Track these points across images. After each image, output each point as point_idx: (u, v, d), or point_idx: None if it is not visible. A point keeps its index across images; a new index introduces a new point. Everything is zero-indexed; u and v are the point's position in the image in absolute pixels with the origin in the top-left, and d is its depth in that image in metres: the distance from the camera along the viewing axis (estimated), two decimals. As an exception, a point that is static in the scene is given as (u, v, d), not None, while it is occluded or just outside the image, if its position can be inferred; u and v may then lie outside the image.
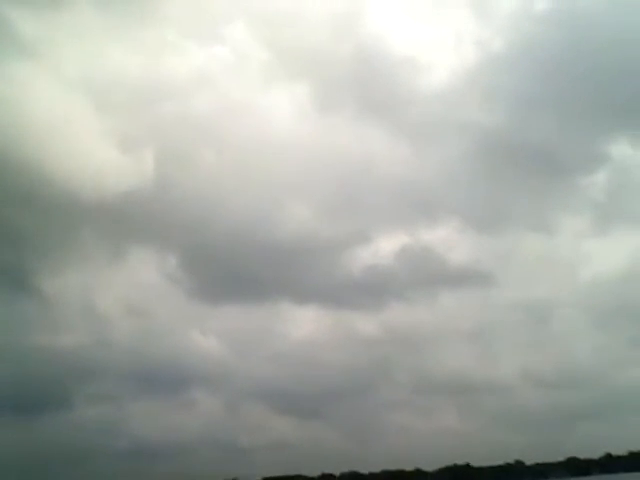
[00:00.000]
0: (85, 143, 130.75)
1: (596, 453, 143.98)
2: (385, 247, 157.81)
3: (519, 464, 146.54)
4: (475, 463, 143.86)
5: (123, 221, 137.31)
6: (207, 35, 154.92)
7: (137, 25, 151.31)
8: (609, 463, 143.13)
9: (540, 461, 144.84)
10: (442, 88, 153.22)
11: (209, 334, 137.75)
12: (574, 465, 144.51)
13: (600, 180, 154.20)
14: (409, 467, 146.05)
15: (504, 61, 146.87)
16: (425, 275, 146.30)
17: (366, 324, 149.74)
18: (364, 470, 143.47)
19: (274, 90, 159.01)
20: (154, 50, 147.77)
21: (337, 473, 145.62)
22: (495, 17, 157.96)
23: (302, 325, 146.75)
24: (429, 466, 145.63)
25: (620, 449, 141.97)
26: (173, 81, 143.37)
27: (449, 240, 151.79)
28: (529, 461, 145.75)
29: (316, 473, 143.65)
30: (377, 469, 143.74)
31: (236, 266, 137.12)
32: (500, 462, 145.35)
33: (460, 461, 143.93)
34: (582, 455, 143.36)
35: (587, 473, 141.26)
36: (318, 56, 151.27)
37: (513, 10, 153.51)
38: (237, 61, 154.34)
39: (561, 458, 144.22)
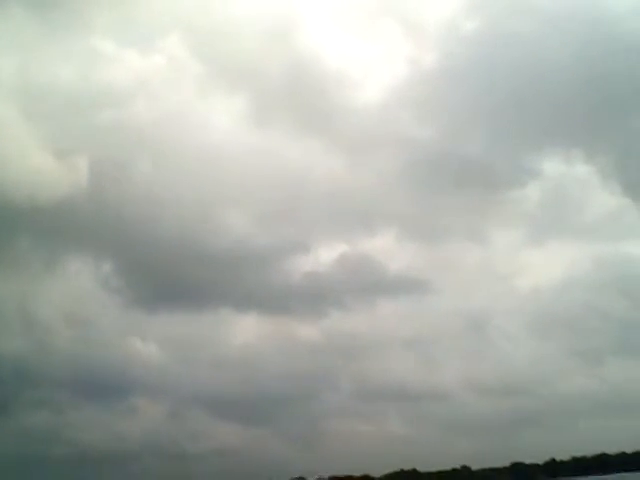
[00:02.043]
0: (18, 150, 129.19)
1: (541, 458, 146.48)
2: (324, 255, 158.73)
3: (465, 469, 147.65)
4: (422, 468, 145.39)
5: (58, 229, 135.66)
6: (143, 45, 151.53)
7: (71, 33, 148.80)
8: (553, 468, 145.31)
9: (486, 466, 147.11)
10: (375, 103, 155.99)
11: (149, 342, 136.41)
12: (519, 470, 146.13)
13: (534, 194, 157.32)
14: (357, 473, 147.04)
15: (435, 78, 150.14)
16: (364, 283, 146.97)
17: (307, 331, 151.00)
18: (312, 476, 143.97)
19: (210, 101, 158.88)
20: (88, 58, 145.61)
21: (285, 479, 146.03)
22: (424, 36, 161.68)
23: (243, 332, 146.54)
24: (377, 472, 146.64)
25: (564, 454, 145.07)
26: (109, 90, 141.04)
27: (387, 249, 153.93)
28: (475, 466, 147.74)
29: (263, 479, 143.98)
30: (325, 475, 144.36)
31: (174, 274, 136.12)
32: (447, 467, 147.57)
33: (407, 466, 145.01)
34: (527, 460, 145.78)
35: (532, 478, 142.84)
36: (253, 69, 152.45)
37: (441, 30, 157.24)
38: (172, 72, 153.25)
39: (506, 463, 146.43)
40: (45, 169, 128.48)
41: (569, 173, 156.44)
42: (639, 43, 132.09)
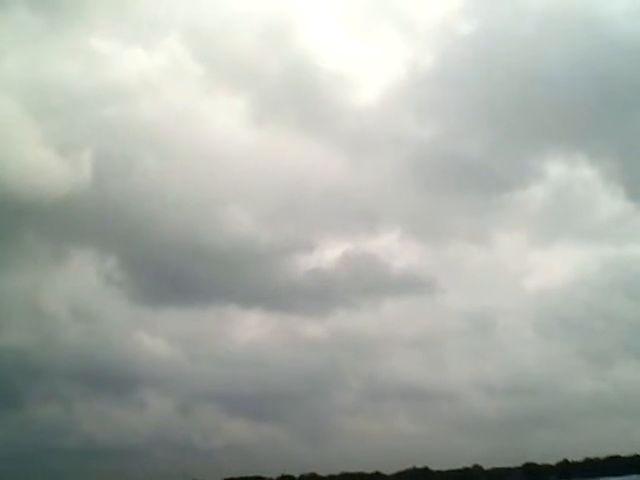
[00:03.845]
0: (22, 146, 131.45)
1: (553, 459, 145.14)
2: (328, 254, 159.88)
3: (477, 468, 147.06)
4: (433, 467, 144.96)
5: (63, 224, 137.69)
6: (144, 44, 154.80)
7: (74, 32, 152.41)
8: (566, 469, 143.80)
9: (498, 466, 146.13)
10: (375, 103, 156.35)
11: (156, 337, 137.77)
12: (532, 470, 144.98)
13: (537, 196, 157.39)
14: (368, 470, 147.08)
15: (434, 79, 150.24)
16: (368, 282, 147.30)
17: (312, 328, 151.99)
18: (323, 472, 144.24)
19: (212, 101, 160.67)
20: (91, 56, 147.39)
21: (296, 475, 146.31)
22: (421, 37, 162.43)
23: (248, 329, 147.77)
24: (387, 469, 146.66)
25: (577, 455, 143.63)
26: (113, 86, 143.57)
27: (391, 249, 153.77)
28: (487, 466, 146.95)
29: (275, 475, 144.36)
30: (336, 471, 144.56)
31: (179, 270, 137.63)
32: (458, 466, 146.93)
33: (418, 465, 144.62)
34: (539, 461, 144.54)
35: (544, 478, 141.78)
36: (253, 70, 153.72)
37: (439, 31, 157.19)
38: (175, 71, 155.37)
39: (519, 464, 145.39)
40: (49, 165, 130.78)
41: (572, 176, 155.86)
42: (638, 44, 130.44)
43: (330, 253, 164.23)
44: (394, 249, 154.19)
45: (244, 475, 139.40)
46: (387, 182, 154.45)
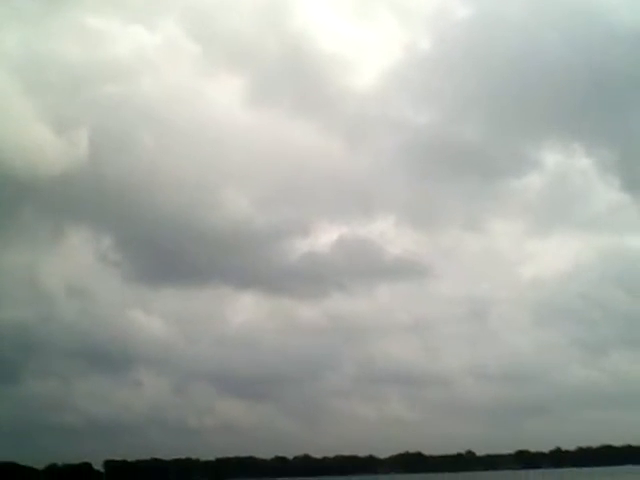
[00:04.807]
0: (19, 123, 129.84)
1: (546, 447, 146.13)
2: (323, 238, 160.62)
3: (470, 454, 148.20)
4: (427, 452, 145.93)
5: (60, 201, 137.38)
6: (144, 23, 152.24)
7: (73, 9, 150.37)
8: (559, 457, 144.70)
9: (491, 453, 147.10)
10: (372, 86, 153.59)
11: (151, 316, 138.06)
12: (524, 458, 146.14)
13: (534, 185, 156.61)
14: (361, 454, 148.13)
15: (430, 63, 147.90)
16: (363, 266, 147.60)
17: (307, 311, 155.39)
18: (317, 455, 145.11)
19: (210, 81, 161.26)
20: (90, 33, 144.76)
21: (290, 457, 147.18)
22: (419, 20, 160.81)
23: (243, 310, 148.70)
24: (381, 453, 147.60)
25: (569, 444, 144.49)
26: (111, 64, 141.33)
27: (386, 234, 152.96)
28: (480, 452, 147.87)
29: (268, 456, 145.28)
30: (330, 454, 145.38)
31: (174, 250, 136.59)
32: (452, 452, 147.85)
33: (412, 449, 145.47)
34: (532, 448, 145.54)
35: (537, 466, 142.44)
36: (251, 50, 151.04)
37: (436, 14, 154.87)
38: (173, 51, 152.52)
39: (512, 451, 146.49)
40: (46, 142, 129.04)
41: (569, 165, 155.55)
42: (635, 33, 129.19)
43: (325, 237, 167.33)
44: (389, 234, 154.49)
45: (238, 455, 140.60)
46: (383, 167, 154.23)
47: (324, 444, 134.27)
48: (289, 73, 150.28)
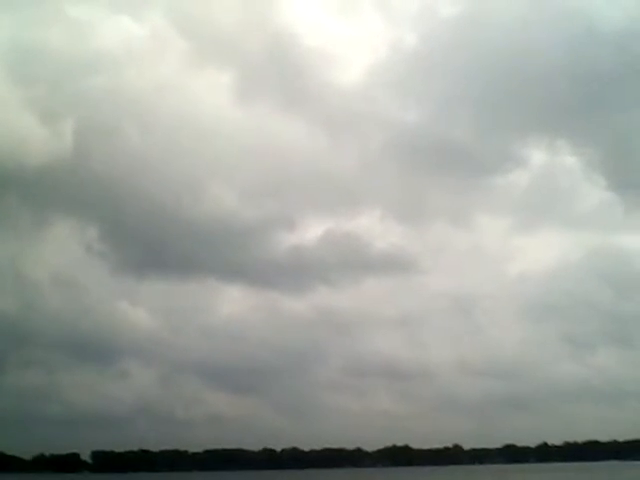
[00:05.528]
0: (4, 113, 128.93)
1: (533, 442, 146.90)
2: (309, 232, 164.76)
3: (457, 448, 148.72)
4: (414, 445, 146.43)
5: (44, 192, 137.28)
6: (131, 14, 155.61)
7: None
8: (545, 452, 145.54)
9: (478, 447, 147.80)
10: (358, 82, 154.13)
11: (137, 307, 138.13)
12: (511, 452, 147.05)
13: (520, 182, 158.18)
14: (349, 446, 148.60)
15: (417, 61, 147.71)
16: (349, 260, 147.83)
17: (292, 305, 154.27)
18: (305, 447, 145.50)
19: (197, 75, 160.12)
20: (77, 24, 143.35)
21: (278, 449, 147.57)
22: (402, 18, 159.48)
23: (229, 302, 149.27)
24: (369, 446, 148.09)
25: (556, 439, 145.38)
26: (97, 56, 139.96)
27: (372, 228, 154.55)
28: (467, 446, 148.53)
29: (256, 448, 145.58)
30: (317, 447, 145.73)
31: (160, 242, 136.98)
32: (439, 446, 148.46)
33: (399, 443, 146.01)
34: (519, 443, 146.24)
35: (523, 460, 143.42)
36: (237, 46, 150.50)
37: (421, 11, 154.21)
38: (159, 44, 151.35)
39: (498, 445, 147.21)
40: (31, 132, 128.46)
41: (554, 163, 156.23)
42: (621, 33, 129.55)
43: (311, 231, 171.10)
44: (375, 229, 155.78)
45: (226, 447, 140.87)
46: (369, 162, 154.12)
47: (311, 437, 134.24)
48: (275, 68, 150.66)
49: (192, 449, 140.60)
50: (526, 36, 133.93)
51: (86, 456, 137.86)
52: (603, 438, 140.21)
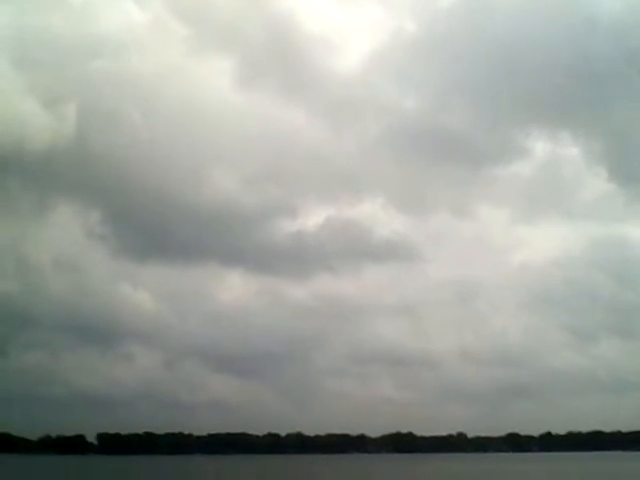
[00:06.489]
0: (6, 97, 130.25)
1: (536, 431, 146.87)
2: (311, 218, 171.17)
3: (461, 436, 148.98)
4: (418, 432, 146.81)
5: (47, 176, 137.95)
6: (133, 0, 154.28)
7: None
8: (548, 441, 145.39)
9: (482, 435, 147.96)
10: (358, 69, 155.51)
11: (139, 291, 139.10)
12: (514, 441, 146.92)
13: (522, 172, 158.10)
14: (353, 432, 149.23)
15: (417, 48, 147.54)
16: (350, 247, 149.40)
17: (294, 291, 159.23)
18: (309, 432, 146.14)
19: (198, 61, 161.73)
20: (80, 8, 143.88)
21: (282, 434, 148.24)
22: (403, 5, 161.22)
23: (231, 288, 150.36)
24: (372, 432, 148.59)
25: (560, 429, 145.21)
26: (99, 40, 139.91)
27: (374, 216, 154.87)
28: (471, 434, 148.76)
29: (260, 432, 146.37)
30: (321, 432, 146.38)
31: (162, 226, 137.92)
32: (442, 433, 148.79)
33: (402, 430, 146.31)
34: (522, 432, 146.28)
35: (527, 449, 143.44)
36: (238, 33, 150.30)
37: (417, 1, 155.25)
38: (162, 29, 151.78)
39: (502, 433, 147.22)
40: (33, 116, 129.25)
41: (557, 154, 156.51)
42: (622, 24, 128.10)
43: (313, 218, 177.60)
44: (377, 217, 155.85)
45: (230, 431, 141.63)
46: (370, 150, 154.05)
47: (314, 422, 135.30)
48: (277, 55, 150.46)
49: (197, 432, 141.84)
50: (526, 25, 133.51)
51: (92, 438, 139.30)
52: (606, 428, 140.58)
